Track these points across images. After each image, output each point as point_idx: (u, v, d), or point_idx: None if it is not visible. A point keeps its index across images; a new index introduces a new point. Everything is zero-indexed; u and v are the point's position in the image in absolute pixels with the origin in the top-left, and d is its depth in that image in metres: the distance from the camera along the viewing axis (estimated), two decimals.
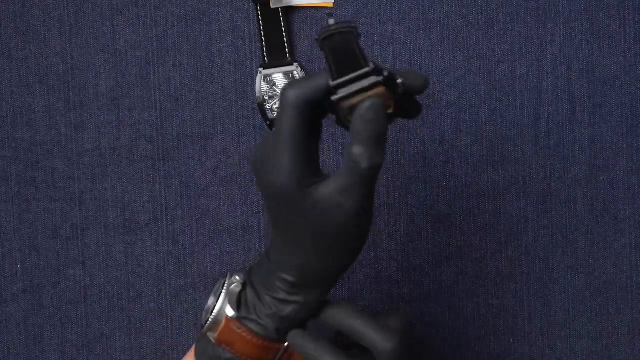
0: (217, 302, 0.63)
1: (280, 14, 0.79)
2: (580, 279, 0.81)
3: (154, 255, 0.81)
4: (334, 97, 0.56)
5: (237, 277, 0.63)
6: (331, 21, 0.59)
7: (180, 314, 0.81)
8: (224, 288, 0.63)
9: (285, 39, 0.79)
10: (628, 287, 0.81)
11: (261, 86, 0.79)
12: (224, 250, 0.81)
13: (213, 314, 0.63)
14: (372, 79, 0.55)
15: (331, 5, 0.80)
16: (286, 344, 0.63)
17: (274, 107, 0.79)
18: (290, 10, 0.80)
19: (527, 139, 0.81)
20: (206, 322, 0.63)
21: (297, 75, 0.79)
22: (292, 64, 0.79)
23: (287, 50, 0.79)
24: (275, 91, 0.79)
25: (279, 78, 0.79)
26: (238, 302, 0.62)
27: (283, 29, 0.79)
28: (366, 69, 0.55)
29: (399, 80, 0.57)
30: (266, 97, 0.79)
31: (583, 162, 0.81)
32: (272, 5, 0.79)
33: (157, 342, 0.81)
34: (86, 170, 0.81)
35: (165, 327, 0.81)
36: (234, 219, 0.81)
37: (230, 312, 0.62)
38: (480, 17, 0.80)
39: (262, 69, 0.79)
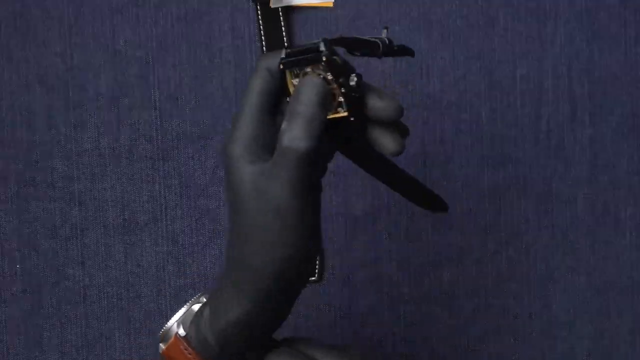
0: (172, 317, 0.60)
1: (280, 13, 0.79)
2: (580, 279, 0.81)
3: (154, 255, 0.81)
4: (280, 62, 0.55)
5: (203, 298, 0.60)
6: (383, 34, 0.58)
7: None
8: (185, 305, 0.60)
9: (285, 39, 0.79)
10: (629, 288, 0.81)
11: None
12: (223, 250, 0.80)
13: (165, 327, 0.60)
14: (316, 54, 0.54)
15: (331, 5, 0.80)
16: None
17: None
18: (290, 10, 0.80)
19: (527, 139, 0.81)
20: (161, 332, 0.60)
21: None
22: None
23: None
24: None
25: None
26: (193, 322, 0.59)
27: (283, 29, 0.79)
28: (314, 42, 0.54)
29: (353, 74, 0.55)
30: None
31: (584, 163, 0.81)
32: (272, 5, 0.79)
33: (156, 342, 0.81)
34: (85, 170, 0.80)
35: None
36: None
37: (181, 331, 0.59)
38: (481, 17, 0.80)
39: None
